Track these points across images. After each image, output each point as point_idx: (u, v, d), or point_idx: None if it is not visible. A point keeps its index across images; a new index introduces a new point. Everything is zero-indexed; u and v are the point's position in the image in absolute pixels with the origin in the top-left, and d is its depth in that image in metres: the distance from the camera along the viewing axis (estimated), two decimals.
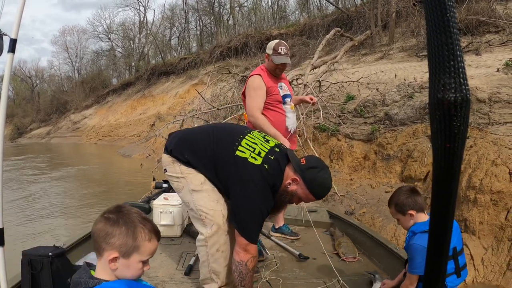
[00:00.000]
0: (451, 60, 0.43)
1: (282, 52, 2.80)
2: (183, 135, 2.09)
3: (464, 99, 0.44)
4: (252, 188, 1.82)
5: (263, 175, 1.83)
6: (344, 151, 6.34)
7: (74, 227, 5.94)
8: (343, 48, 11.57)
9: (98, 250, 1.09)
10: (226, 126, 2.45)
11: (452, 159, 0.46)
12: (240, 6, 31.52)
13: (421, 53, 9.59)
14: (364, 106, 6.77)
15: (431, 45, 0.45)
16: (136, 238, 1.09)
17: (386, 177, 5.25)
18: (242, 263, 1.87)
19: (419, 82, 6.69)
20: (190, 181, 1.96)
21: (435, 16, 0.44)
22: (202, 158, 1.95)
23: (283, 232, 3.16)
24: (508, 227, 3.48)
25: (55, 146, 29.01)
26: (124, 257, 1.08)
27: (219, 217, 1.96)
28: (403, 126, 5.63)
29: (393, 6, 12.23)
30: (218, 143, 1.96)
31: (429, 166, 4.73)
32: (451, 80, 0.44)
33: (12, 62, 1.79)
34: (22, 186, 10.25)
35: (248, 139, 1.95)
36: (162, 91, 27.02)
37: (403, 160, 5.15)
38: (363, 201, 4.82)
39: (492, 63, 6.90)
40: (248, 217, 1.85)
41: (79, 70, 48.51)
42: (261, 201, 1.84)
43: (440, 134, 0.46)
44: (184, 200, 2.03)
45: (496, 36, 8.82)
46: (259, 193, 1.83)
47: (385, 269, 2.48)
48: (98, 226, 1.10)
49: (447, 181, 0.48)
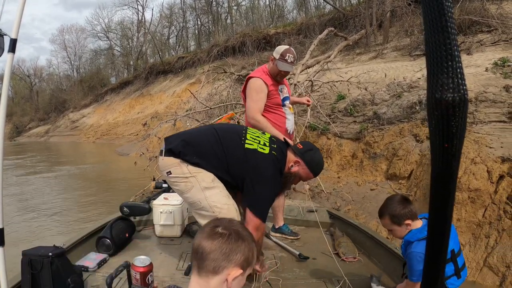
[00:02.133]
0: (449, 61, 0.44)
1: (288, 60, 2.81)
2: (185, 138, 2.11)
3: (462, 99, 0.44)
4: (266, 175, 2.01)
5: (273, 162, 2.05)
6: (333, 150, 6.42)
7: (74, 227, 5.98)
8: (337, 47, 11.61)
9: (214, 269, 0.97)
10: (224, 125, 2.55)
11: (451, 158, 0.46)
12: (238, 5, 31.54)
13: (414, 53, 9.65)
14: (354, 105, 6.84)
15: (429, 45, 0.45)
16: (253, 250, 1.03)
17: (372, 175, 5.33)
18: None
19: (408, 81, 6.76)
20: (202, 179, 2.03)
21: (433, 16, 0.44)
22: (212, 158, 2.04)
23: (283, 232, 3.14)
24: (486, 224, 3.56)
25: (54, 145, 29.06)
26: (244, 273, 1.01)
27: (233, 211, 2.05)
28: (390, 125, 5.71)
29: (387, 6, 12.28)
30: (225, 140, 2.08)
31: (413, 164, 4.82)
32: (449, 80, 0.44)
33: (12, 62, 1.78)
34: (22, 186, 10.31)
35: (250, 133, 2.15)
36: (160, 90, 27.05)
37: (389, 158, 5.22)
38: (349, 198, 4.90)
39: (482, 62, 6.97)
40: (264, 200, 2.04)
41: (78, 69, 48.44)
42: (275, 185, 2.06)
43: (438, 134, 0.46)
44: (194, 199, 2.06)
45: (489, 36, 8.88)
46: (273, 178, 2.03)
47: (385, 269, 2.48)
48: (214, 243, 0.98)
49: (445, 181, 0.48)
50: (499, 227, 3.49)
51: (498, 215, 3.53)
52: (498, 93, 5.61)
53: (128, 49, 41.08)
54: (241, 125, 2.41)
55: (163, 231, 3.09)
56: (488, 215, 3.58)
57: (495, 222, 3.54)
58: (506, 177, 3.65)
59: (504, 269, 3.24)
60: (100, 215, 6.15)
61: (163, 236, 3.08)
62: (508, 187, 3.57)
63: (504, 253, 3.31)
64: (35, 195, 9.00)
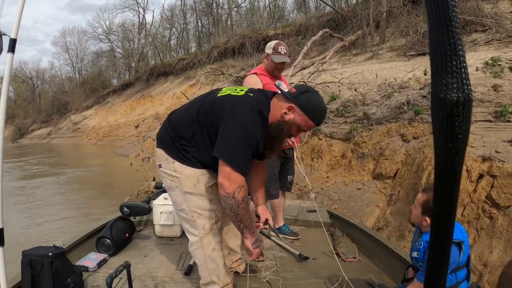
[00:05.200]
0: (453, 60, 0.43)
1: (282, 51, 2.82)
2: (167, 122, 1.99)
3: (466, 99, 0.44)
4: (238, 113, 1.70)
5: (248, 100, 1.76)
6: (324, 150, 6.47)
7: (74, 227, 6.03)
8: (332, 48, 11.66)
9: None
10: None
11: (454, 158, 0.46)
12: (238, 6, 31.64)
13: (408, 53, 9.67)
14: (345, 106, 6.89)
15: (433, 45, 0.45)
16: None
17: (360, 174, 5.37)
18: (229, 195, 1.68)
19: (399, 82, 6.80)
20: (183, 183, 1.90)
21: (438, 15, 0.44)
22: (190, 125, 1.84)
23: (283, 232, 3.10)
24: (464, 223, 3.60)
25: (55, 147, 29.26)
26: None
27: (212, 217, 1.93)
28: (379, 125, 5.75)
29: (383, 6, 12.31)
30: (198, 101, 1.91)
31: (398, 164, 4.86)
32: (453, 80, 0.43)
33: (12, 62, 1.77)
34: (21, 186, 10.44)
35: (226, 88, 1.92)
36: (161, 91, 27.20)
37: (376, 158, 5.27)
38: (335, 197, 4.94)
39: (474, 62, 7.00)
40: (233, 140, 1.68)
41: (80, 71, 48.86)
42: (247, 123, 1.69)
43: (443, 134, 0.45)
44: (176, 199, 1.97)
45: (483, 35, 8.89)
46: (245, 114, 1.70)
47: (385, 269, 2.46)
48: None
49: (449, 181, 0.48)
50: (477, 225, 3.53)
51: (476, 214, 3.56)
52: (486, 92, 5.65)
53: (129, 51, 41.33)
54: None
55: (163, 231, 3.09)
56: (466, 214, 3.62)
57: (473, 221, 3.58)
58: (485, 176, 3.68)
59: (481, 267, 3.27)
60: (100, 214, 6.21)
61: (163, 236, 3.08)
62: (487, 186, 3.61)
63: (482, 252, 3.34)
64: (35, 195, 9.09)
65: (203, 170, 1.91)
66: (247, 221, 1.78)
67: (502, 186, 3.49)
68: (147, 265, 2.53)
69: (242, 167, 1.69)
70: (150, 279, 2.35)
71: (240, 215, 1.73)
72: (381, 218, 4.25)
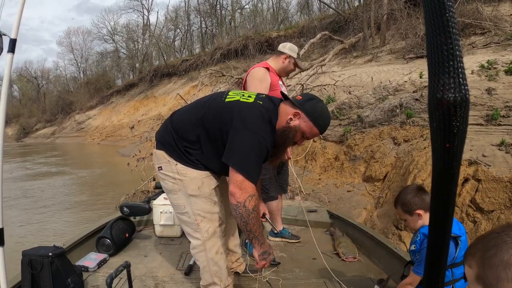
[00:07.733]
0: (450, 60, 0.43)
1: (300, 58, 2.86)
2: (172, 122, 1.95)
3: (463, 99, 0.44)
4: (250, 121, 1.71)
5: (258, 108, 1.77)
6: (317, 152, 6.50)
7: (74, 226, 6.06)
8: (332, 51, 11.68)
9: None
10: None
11: (452, 159, 0.46)
12: (242, 8, 31.76)
13: (407, 56, 9.67)
14: (340, 108, 6.91)
15: (431, 45, 0.45)
16: None
17: (351, 177, 5.39)
18: (239, 204, 1.68)
19: (394, 84, 6.81)
20: (188, 185, 1.86)
21: (435, 16, 0.44)
22: (195, 128, 1.82)
23: (284, 236, 3.08)
24: None
25: (59, 146, 29.46)
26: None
27: (215, 220, 1.91)
28: (372, 128, 5.77)
29: (384, 9, 12.32)
30: (203, 103, 1.89)
31: (388, 166, 4.87)
32: (451, 80, 0.44)
33: (12, 62, 1.78)
34: (22, 186, 10.52)
35: (233, 92, 1.91)
36: (164, 92, 27.33)
37: (367, 161, 5.29)
38: (325, 199, 4.97)
39: (470, 65, 6.99)
40: (246, 148, 1.69)
41: (85, 71, 49.23)
42: (260, 132, 1.71)
43: (440, 134, 0.45)
44: (178, 202, 1.91)
45: (482, 38, 8.88)
46: (257, 123, 1.72)
47: (385, 269, 2.46)
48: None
49: (446, 181, 0.48)
50: None
51: (460, 218, 3.57)
52: (480, 95, 5.63)
53: (134, 51, 41.59)
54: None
55: (163, 231, 3.09)
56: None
57: None
58: (471, 180, 3.69)
59: None
60: (100, 214, 6.25)
61: (163, 236, 3.09)
62: (472, 190, 3.61)
63: None
64: (35, 195, 9.15)
65: (207, 172, 1.89)
66: (257, 231, 1.76)
67: (487, 190, 3.50)
68: (147, 265, 2.54)
69: (254, 175, 1.70)
70: (150, 279, 2.35)
71: (250, 224, 1.72)
72: (368, 220, 4.27)
